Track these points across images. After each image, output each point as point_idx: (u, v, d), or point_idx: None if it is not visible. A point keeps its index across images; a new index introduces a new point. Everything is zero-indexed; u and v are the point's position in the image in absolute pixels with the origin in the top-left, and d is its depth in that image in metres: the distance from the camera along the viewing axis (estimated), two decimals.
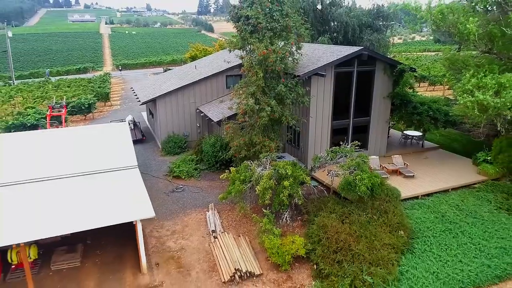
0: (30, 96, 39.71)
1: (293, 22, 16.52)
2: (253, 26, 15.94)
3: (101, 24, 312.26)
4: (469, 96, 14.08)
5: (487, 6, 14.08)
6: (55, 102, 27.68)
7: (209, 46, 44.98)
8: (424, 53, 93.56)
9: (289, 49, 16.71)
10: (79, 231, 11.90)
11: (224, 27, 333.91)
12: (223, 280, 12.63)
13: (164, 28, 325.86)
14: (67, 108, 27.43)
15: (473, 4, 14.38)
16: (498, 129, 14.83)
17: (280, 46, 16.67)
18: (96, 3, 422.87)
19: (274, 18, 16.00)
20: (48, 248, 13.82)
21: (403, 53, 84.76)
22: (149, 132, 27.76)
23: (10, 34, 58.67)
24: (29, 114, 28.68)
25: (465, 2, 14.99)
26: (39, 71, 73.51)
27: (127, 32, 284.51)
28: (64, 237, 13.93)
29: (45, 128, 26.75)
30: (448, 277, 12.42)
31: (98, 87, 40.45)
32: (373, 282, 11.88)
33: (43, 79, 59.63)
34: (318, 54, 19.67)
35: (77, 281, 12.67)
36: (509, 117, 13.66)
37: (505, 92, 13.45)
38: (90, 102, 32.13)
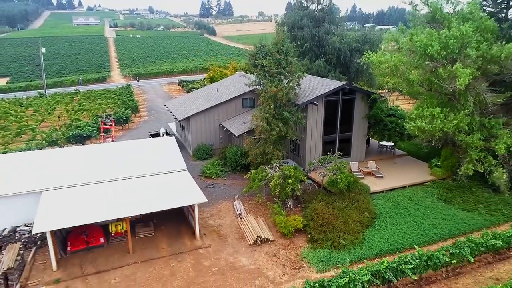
0: (70, 108, 46.55)
1: (295, 68, 23.40)
2: (267, 71, 22.82)
3: (106, 27, 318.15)
4: (413, 122, 20.98)
5: (426, 61, 20.82)
6: (105, 117, 34.57)
7: (225, 67, 51.82)
8: None
9: (292, 85, 23.58)
10: (155, 211, 18.68)
11: (226, 30, 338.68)
12: (249, 243, 19.47)
13: (168, 32, 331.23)
14: (112, 119, 34.38)
15: (417, 61, 21.16)
16: (433, 144, 21.71)
17: (285, 83, 23.53)
18: (99, 5, 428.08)
19: (282, 65, 22.89)
20: (131, 225, 20.65)
21: None
22: (179, 141, 34.56)
23: (43, 50, 65.01)
24: (81, 126, 35.54)
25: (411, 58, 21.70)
26: (62, 80, 79.39)
27: (131, 35, 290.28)
28: (139, 218, 20.72)
29: (97, 138, 33.77)
30: (394, 241, 19.23)
31: (128, 100, 47.31)
32: (345, 244, 18.71)
33: (71, 88, 66.00)
34: (312, 86, 26.53)
35: (154, 244, 19.53)
36: (437, 137, 20.52)
37: (435, 121, 20.31)
38: (127, 115, 39.04)
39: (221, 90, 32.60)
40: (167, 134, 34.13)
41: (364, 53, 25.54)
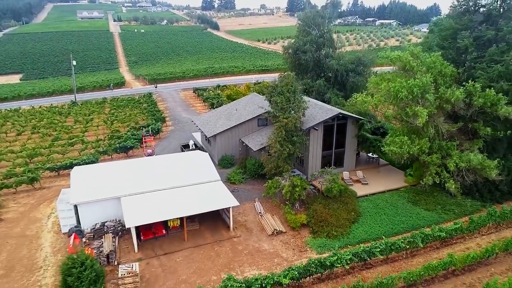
0: (106, 118, 54.01)
1: (302, 103, 30.93)
2: (279, 107, 30.38)
3: (110, 21, 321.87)
4: (388, 146, 28.66)
5: (398, 102, 28.40)
6: (145, 131, 42.23)
7: (238, 87, 59.64)
8: None
9: (299, 116, 31.10)
10: (198, 213, 26.34)
11: (228, 24, 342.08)
12: (268, 234, 27.27)
13: (171, 26, 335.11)
14: (151, 134, 42.08)
15: (391, 101, 28.72)
16: (402, 162, 29.41)
17: (293, 114, 31.05)
18: None
19: (291, 101, 30.46)
20: (181, 221, 28.42)
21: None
22: (204, 151, 42.12)
23: (74, 63, 72.05)
24: (123, 137, 43.15)
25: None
26: (85, 85, 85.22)
27: (136, 30, 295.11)
28: (186, 217, 28.44)
29: (138, 148, 41.43)
30: (372, 233, 26.99)
31: (155, 111, 54.81)
32: (336, 234, 26.51)
33: (99, 93, 73.08)
34: (313, 113, 34.00)
35: (201, 235, 27.35)
36: (405, 157, 28.20)
37: (403, 146, 27.95)
38: (159, 127, 46.68)
39: (240, 110, 40.08)
40: (195, 146, 41.78)
41: (353, 94, 32.95)
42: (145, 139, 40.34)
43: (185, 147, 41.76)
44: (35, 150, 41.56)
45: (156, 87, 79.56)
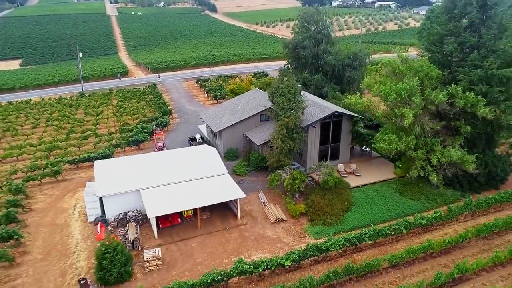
0: (115, 111, 56.93)
1: (301, 103, 34.02)
2: (281, 107, 33.50)
3: (106, 3, 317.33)
4: (378, 144, 32.01)
5: (387, 103, 31.51)
6: (155, 125, 45.35)
7: (241, 81, 62.28)
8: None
9: (298, 115, 34.24)
10: (210, 204, 29.84)
11: (226, 6, 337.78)
12: (271, 222, 30.90)
13: (168, 8, 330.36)
14: (161, 128, 45.22)
15: (382, 102, 31.86)
16: (391, 157, 32.82)
17: (294, 113, 34.18)
18: None
19: (291, 102, 33.56)
20: (194, 210, 31.95)
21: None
22: (210, 144, 45.36)
23: (80, 55, 74.19)
24: (133, 131, 46.30)
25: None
26: (90, 75, 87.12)
27: (133, 13, 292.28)
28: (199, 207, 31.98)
29: (149, 141, 44.63)
30: (363, 220, 30.63)
31: (161, 103, 57.71)
32: (331, 222, 30.16)
33: (104, 83, 75.43)
34: (312, 110, 37.07)
35: (212, 223, 30.93)
36: (393, 153, 31.60)
37: (392, 143, 31.30)
38: (167, 120, 49.76)
39: (243, 105, 43.13)
40: (202, 139, 44.98)
41: (346, 95, 35.91)
42: (155, 133, 43.49)
43: (192, 140, 44.99)
44: (53, 143, 44.71)
45: (159, 77, 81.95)
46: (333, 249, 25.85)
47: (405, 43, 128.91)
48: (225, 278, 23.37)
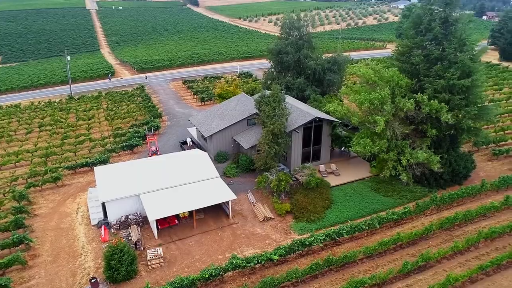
0: (107, 114, 58.81)
1: (285, 110, 37.25)
2: (267, 115, 36.67)
3: None
4: (355, 147, 35.65)
5: (361, 110, 35.09)
6: (148, 131, 47.81)
7: (228, 85, 64.86)
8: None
9: (283, 121, 37.47)
10: (202, 207, 32.91)
11: (208, 0, 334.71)
12: (260, 220, 34.24)
13: (150, 2, 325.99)
14: (154, 133, 47.74)
15: (357, 109, 35.37)
16: (366, 159, 36.52)
17: (279, 119, 37.39)
18: None
19: (276, 110, 36.75)
20: (189, 211, 34.96)
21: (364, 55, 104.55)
22: (201, 147, 48.19)
23: (68, 58, 75.08)
24: (126, 135, 48.65)
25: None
26: (77, 76, 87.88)
27: (113, 7, 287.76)
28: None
29: (142, 145, 47.10)
30: (342, 217, 34.31)
31: (151, 106, 59.93)
32: (314, 219, 33.72)
33: (91, 84, 76.59)
34: (295, 116, 40.35)
35: (206, 222, 34.07)
36: (368, 155, 35.27)
37: (367, 146, 34.96)
38: (158, 124, 52.22)
39: (231, 111, 46.05)
40: (193, 142, 47.76)
41: (326, 97, 39.31)
42: (148, 137, 46.04)
43: (184, 143, 47.73)
44: (49, 149, 46.69)
45: (146, 78, 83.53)
46: (315, 244, 29.41)
47: (384, 39, 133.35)
48: (221, 273, 26.64)
